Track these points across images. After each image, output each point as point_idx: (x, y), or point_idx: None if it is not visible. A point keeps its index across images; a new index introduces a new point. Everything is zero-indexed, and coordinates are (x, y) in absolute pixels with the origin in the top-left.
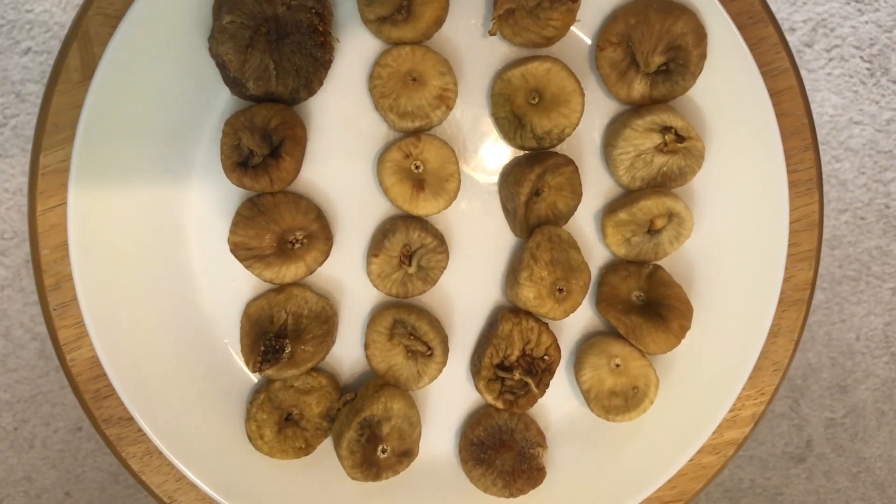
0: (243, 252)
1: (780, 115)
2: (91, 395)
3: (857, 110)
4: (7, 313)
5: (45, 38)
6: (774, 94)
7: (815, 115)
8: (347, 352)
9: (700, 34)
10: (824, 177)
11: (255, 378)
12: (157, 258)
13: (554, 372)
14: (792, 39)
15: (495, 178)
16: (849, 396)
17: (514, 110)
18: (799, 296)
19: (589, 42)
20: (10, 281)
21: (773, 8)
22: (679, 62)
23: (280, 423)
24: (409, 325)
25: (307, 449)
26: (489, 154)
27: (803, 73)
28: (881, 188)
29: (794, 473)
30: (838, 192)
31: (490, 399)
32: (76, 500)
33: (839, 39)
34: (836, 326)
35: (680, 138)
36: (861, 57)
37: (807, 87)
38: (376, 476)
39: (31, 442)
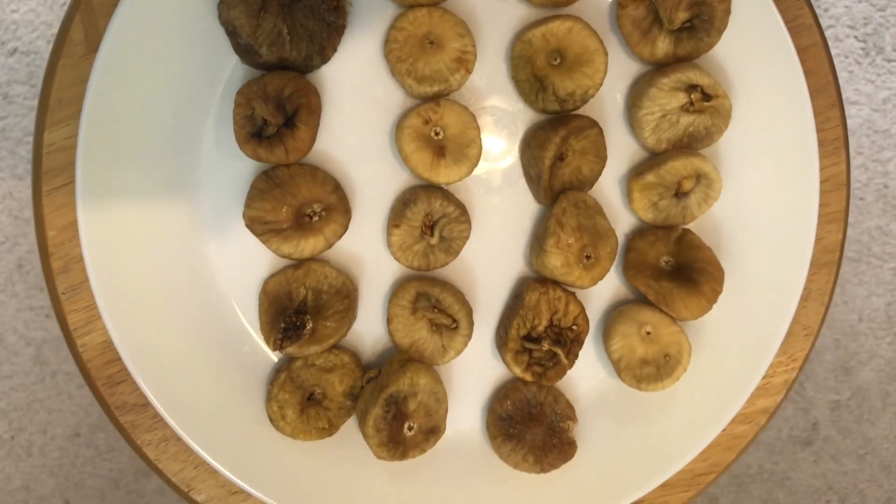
0: (259, 226)
1: (805, 73)
2: (104, 381)
3: (853, 90)
4: (0, 319)
5: (32, 38)
6: (799, 52)
7: None
8: (369, 328)
9: None
10: None
11: (274, 357)
12: (169, 236)
13: (583, 342)
14: None
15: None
16: (853, 378)
17: (535, 72)
18: (829, 258)
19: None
20: (3, 286)
21: None
22: (703, 18)
23: (302, 403)
24: (432, 298)
25: (330, 429)
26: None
27: None
28: (879, 168)
29: (801, 457)
30: None
31: (518, 372)
32: None
33: (833, 20)
34: (838, 308)
35: (706, 97)
36: (855, 37)
37: None
38: (403, 455)
39: (28, 450)
